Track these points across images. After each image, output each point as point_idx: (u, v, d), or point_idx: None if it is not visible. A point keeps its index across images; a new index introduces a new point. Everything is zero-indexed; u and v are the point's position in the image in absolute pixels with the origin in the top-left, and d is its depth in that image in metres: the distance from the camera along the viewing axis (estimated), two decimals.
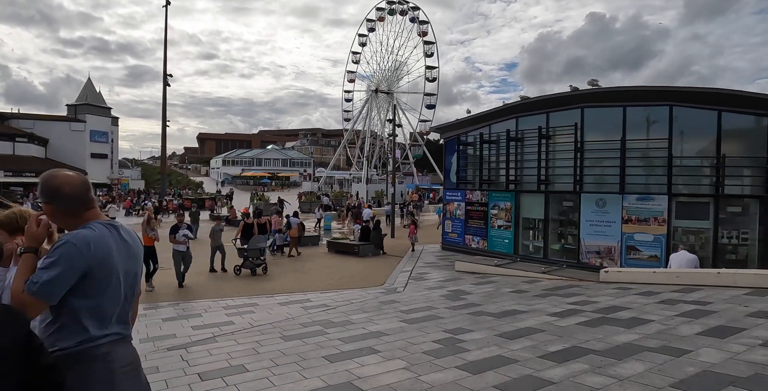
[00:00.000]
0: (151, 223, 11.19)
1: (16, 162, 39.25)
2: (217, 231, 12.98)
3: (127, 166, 77.15)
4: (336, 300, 8.92)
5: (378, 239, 16.42)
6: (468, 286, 9.89)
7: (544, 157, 13.63)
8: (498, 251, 14.86)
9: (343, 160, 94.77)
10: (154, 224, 11.51)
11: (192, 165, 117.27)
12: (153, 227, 11.17)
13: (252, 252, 12.33)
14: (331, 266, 13.65)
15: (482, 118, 15.52)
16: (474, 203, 15.89)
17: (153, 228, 11.12)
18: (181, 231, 11.05)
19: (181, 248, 10.83)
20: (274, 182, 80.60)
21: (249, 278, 11.84)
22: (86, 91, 49.32)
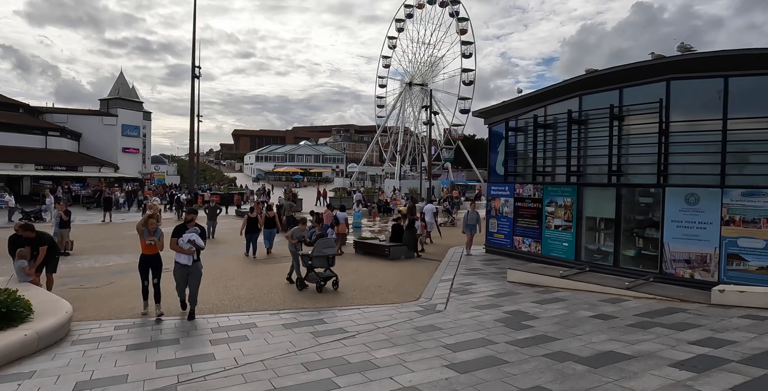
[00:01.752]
0: (151, 224, 7.67)
1: (47, 156, 39.09)
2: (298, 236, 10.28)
3: (163, 162, 77.81)
4: (357, 322, 6.85)
5: (412, 240, 14.27)
6: (529, 305, 7.62)
7: (616, 143, 11.12)
8: (554, 256, 12.45)
9: (376, 156, 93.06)
10: (155, 225, 7.73)
11: (227, 161, 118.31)
12: (154, 228, 7.64)
13: (318, 261, 9.37)
14: (357, 271, 11.59)
15: (536, 98, 13.10)
16: (525, 198, 13.50)
17: (154, 230, 7.65)
18: (187, 234, 7.33)
19: (183, 259, 7.32)
20: (306, 178, 79.81)
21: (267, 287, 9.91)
22: (118, 86, 49.06)
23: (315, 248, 9.42)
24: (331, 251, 9.63)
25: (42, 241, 8.67)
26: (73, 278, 11.29)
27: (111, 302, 8.59)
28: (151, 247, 7.51)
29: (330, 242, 9.97)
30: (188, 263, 7.33)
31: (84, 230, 21.68)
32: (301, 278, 9.59)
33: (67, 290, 9.66)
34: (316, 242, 9.58)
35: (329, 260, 9.50)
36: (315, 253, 9.35)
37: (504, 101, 14.16)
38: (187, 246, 7.30)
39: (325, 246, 9.57)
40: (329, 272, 9.48)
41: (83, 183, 38.74)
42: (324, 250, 9.45)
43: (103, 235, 19.70)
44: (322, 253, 9.39)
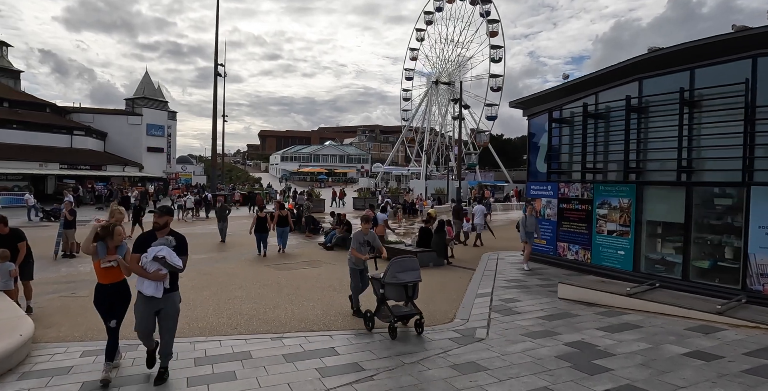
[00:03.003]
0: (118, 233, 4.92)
1: (72, 155, 39.03)
2: (362, 243, 7.55)
3: (190, 162, 78.16)
4: (377, 353, 5.41)
5: (441, 245, 12.76)
6: (596, 334, 6.03)
7: (687, 134, 9.38)
8: (607, 266, 10.75)
9: (402, 156, 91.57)
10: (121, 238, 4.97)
11: (253, 161, 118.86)
12: (117, 244, 4.92)
13: (392, 290, 6.27)
14: None
15: (586, 84, 11.41)
16: (571, 199, 11.83)
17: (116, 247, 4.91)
18: (154, 249, 4.64)
19: (149, 288, 4.66)
20: (330, 178, 78.97)
21: None
22: (143, 85, 49.01)
23: (388, 270, 6.26)
24: (413, 277, 6.27)
25: (19, 237, 7.57)
26: (70, 283, 10.22)
27: (94, 316, 7.37)
28: (111, 272, 4.91)
29: (410, 262, 6.38)
30: (156, 295, 4.62)
31: None
32: (364, 311, 6.75)
33: (54, 299, 8.58)
34: (390, 262, 6.29)
35: (409, 289, 6.21)
36: (388, 278, 6.24)
37: (547, 89, 12.50)
38: (153, 267, 4.55)
39: (401, 268, 6.23)
40: (410, 308, 6.34)
41: (107, 182, 38.51)
42: (400, 275, 6.19)
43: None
44: (396, 279, 6.18)
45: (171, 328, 4.89)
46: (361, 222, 7.54)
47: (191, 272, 11.19)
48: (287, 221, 14.65)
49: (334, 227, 16.74)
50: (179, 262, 4.70)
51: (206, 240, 16.83)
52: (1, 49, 48.37)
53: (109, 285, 5.02)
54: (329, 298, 8.50)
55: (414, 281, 6.30)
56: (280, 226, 14.43)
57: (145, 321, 4.79)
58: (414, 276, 6.30)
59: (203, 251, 14.99)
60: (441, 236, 13.01)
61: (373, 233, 7.50)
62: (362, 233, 7.59)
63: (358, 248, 7.47)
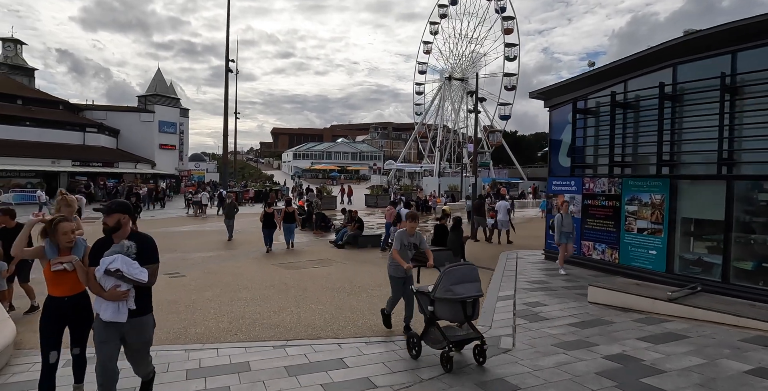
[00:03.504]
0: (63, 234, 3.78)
1: (84, 152, 39.02)
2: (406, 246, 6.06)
3: (203, 160, 78.37)
4: (390, 366, 4.81)
5: (457, 244, 12.10)
6: (637, 344, 5.35)
7: (728, 123, 8.59)
8: (637, 266, 10.01)
9: (414, 153, 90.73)
10: (70, 238, 3.83)
11: (266, 159, 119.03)
12: (69, 244, 3.84)
13: (445, 308, 4.90)
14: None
15: (614, 72, 10.63)
16: (597, 195, 11.08)
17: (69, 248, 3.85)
18: (108, 259, 3.46)
19: (108, 310, 3.47)
20: (343, 176, 78.58)
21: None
22: (156, 82, 48.87)
23: (440, 282, 4.86)
24: (472, 290, 4.87)
25: None
26: None
27: None
28: (66, 279, 3.75)
29: (467, 272, 4.97)
30: (116, 319, 3.44)
31: None
32: (407, 336, 5.36)
33: None
34: (443, 272, 4.90)
35: (468, 306, 4.85)
36: (440, 292, 4.84)
37: (571, 78, 11.75)
38: (108, 283, 3.44)
39: (457, 279, 4.84)
40: (467, 330, 5.02)
41: (118, 179, 38.46)
42: (456, 288, 4.79)
43: None
44: (451, 293, 4.77)
45: (140, 359, 3.77)
46: (407, 220, 6.11)
47: (196, 271, 10.70)
48: (294, 218, 14.72)
49: (345, 225, 16.17)
50: (142, 274, 3.46)
51: (215, 237, 16.38)
52: (16, 47, 48.66)
53: (64, 299, 3.76)
54: (339, 300, 7.90)
55: (474, 295, 4.86)
56: (286, 222, 14.45)
57: (104, 354, 3.47)
58: (474, 289, 4.87)
59: (211, 248, 14.53)
60: (457, 233, 12.35)
61: (421, 235, 6.10)
62: (407, 233, 6.01)
63: (402, 251, 5.94)
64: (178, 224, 21.71)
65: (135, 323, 3.54)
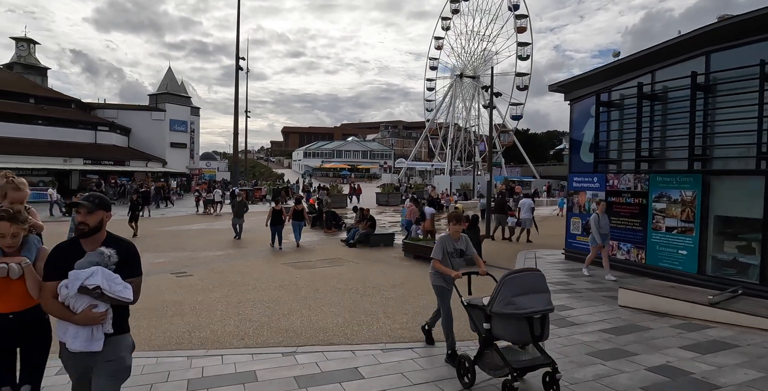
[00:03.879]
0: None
1: (96, 150, 39.05)
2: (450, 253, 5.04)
3: (214, 159, 78.58)
4: (410, 377, 4.37)
5: (474, 243, 11.55)
6: (681, 353, 4.87)
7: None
8: (666, 267, 9.47)
9: (425, 152, 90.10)
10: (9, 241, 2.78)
11: (276, 158, 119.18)
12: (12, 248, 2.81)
13: (507, 326, 3.99)
14: (406, 283, 9.11)
15: (641, 62, 10.08)
16: (622, 192, 10.54)
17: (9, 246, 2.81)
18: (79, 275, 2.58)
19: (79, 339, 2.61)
20: (353, 174, 78.29)
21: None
22: (167, 81, 48.88)
23: (499, 292, 3.97)
24: (541, 303, 3.93)
25: None
26: None
27: None
28: (10, 289, 2.78)
29: (533, 279, 4.10)
30: (91, 348, 2.63)
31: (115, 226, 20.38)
32: (458, 358, 4.42)
33: None
34: (502, 280, 4.00)
35: (536, 323, 3.92)
36: (499, 305, 3.95)
37: (594, 69, 11.20)
38: (81, 304, 2.61)
39: (521, 289, 3.95)
40: (535, 354, 4.08)
41: (130, 178, 38.46)
42: (520, 300, 3.88)
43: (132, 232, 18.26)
44: (514, 307, 3.87)
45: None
46: (450, 222, 5.13)
47: (203, 271, 10.37)
48: (303, 215, 14.69)
49: (357, 223, 15.78)
50: (126, 291, 2.63)
51: (225, 236, 16.05)
52: (29, 46, 48.95)
53: (8, 316, 2.78)
54: (351, 302, 7.49)
55: (543, 309, 3.87)
56: (295, 220, 14.38)
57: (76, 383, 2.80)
58: (543, 302, 3.90)
59: (220, 247, 14.22)
60: (474, 232, 11.87)
61: (467, 239, 5.18)
62: (451, 237, 5.07)
63: (445, 259, 4.96)
64: (188, 222, 21.47)
65: (109, 348, 2.65)
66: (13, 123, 35.61)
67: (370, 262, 11.69)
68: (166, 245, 14.44)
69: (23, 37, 48.95)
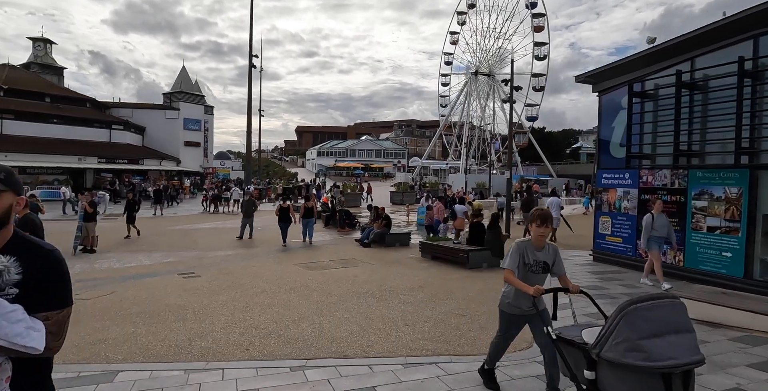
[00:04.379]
0: None
1: (110, 149, 39.09)
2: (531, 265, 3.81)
3: (228, 158, 78.74)
4: None
5: (496, 243, 10.96)
6: (752, 374, 4.19)
7: None
8: (706, 270, 8.71)
9: (439, 151, 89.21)
10: None
11: (290, 157, 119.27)
12: None
13: (629, 381, 2.69)
14: (425, 286, 8.50)
15: (680, 48, 9.32)
16: (657, 189, 9.79)
17: None
18: None
19: None
20: (367, 173, 77.81)
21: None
22: (180, 80, 48.88)
23: (614, 328, 2.74)
24: (685, 352, 2.61)
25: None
26: (79, 282, 9.04)
27: (85, 326, 6.05)
28: None
29: (670, 312, 2.72)
30: None
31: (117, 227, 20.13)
32: None
33: None
34: (621, 311, 2.75)
35: (675, 383, 2.58)
36: (613, 348, 2.72)
37: (627, 57, 10.43)
38: None
39: (654, 328, 2.65)
40: None
41: (143, 176, 38.42)
42: (651, 344, 2.60)
43: (145, 230, 17.89)
44: (642, 356, 2.59)
45: None
46: (532, 223, 3.78)
47: (211, 271, 9.88)
48: (313, 213, 14.66)
49: (372, 223, 15.19)
50: (30, 336, 1.47)
51: (236, 235, 15.57)
52: (45, 46, 49.32)
53: None
54: (367, 308, 6.90)
55: (690, 362, 2.61)
56: (305, 217, 14.25)
57: None
58: (687, 348, 2.65)
59: (231, 246, 13.77)
60: (495, 232, 11.23)
61: (555, 250, 3.89)
62: (533, 244, 3.79)
63: (522, 271, 3.74)
64: (200, 221, 21.12)
65: None
66: (29, 122, 35.79)
67: (386, 263, 11.10)
68: (177, 244, 14.04)
69: (40, 37, 49.34)
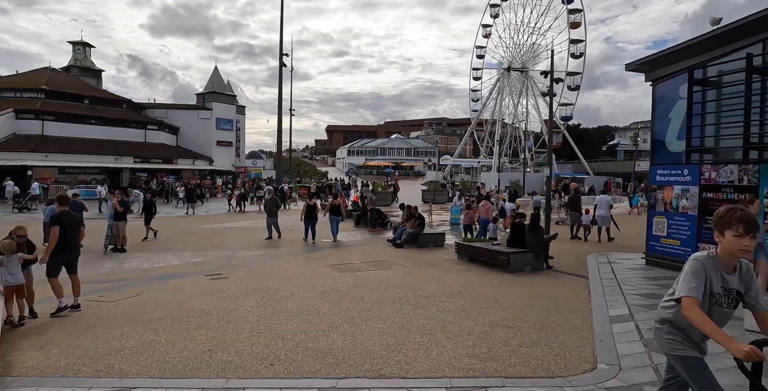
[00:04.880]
0: None
1: (145, 149, 39.79)
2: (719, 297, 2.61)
3: (260, 157, 79.60)
4: None
5: (538, 246, 10.17)
6: None
7: None
8: None
9: (470, 149, 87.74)
10: None
11: (320, 156, 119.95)
12: None
13: None
14: (464, 292, 7.85)
15: (750, 28, 8.30)
16: (722, 186, 8.83)
17: None
18: None
19: None
20: (397, 172, 77.29)
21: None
22: (213, 80, 49.39)
23: None
24: None
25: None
26: (105, 283, 8.86)
27: (102, 333, 5.69)
28: None
29: None
30: None
31: (160, 222, 20.19)
32: None
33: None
34: None
35: None
36: None
37: (687, 41, 9.46)
38: None
39: None
40: None
41: (177, 176, 38.90)
42: None
43: (176, 229, 17.85)
44: None
45: None
46: (730, 230, 2.51)
47: (239, 273, 9.52)
48: (339, 210, 14.95)
49: (404, 222, 14.60)
50: None
51: (265, 234, 15.23)
52: (85, 49, 50.71)
53: None
54: (403, 316, 6.31)
55: None
56: (333, 214, 14.43)
57: None
58: None
59: (259, 246, 13.45)
60: (537, 234, 10.44)
61: (749, 268, 2.71)
62: (720, 262, 2.61)
63: (706, 303, 2.58)
64: (231, 220, 21.01)
65: None
66: (69, 123, 36.74)
67: (421, 265, 10.49)
68: (206, 243, 13.82)
69: (79, 40, 50.76)
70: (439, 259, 11.41)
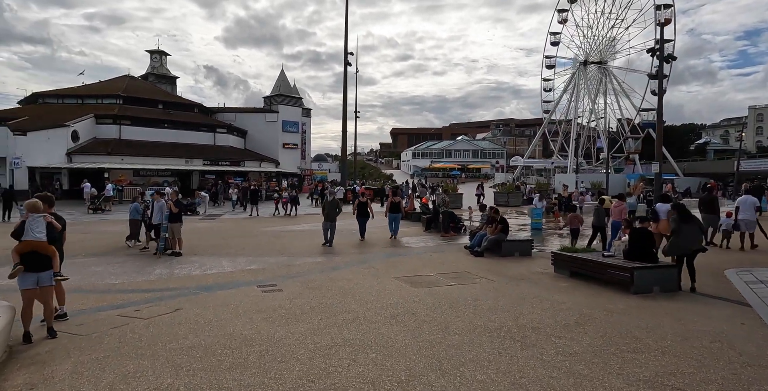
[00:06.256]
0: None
1: (214, 151, 40.37)
2: None
3: (326, 160, 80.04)
4: None
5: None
6: None
7: None
8: None
9: (539, 151, 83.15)
10: None
11: (385, 159, 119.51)
12: None
13: None
14: (590, 321, 5.85)
15: None
16: None
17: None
18: None
19: None
20: (464, 174, 74.74)
21: None
22: (279, 83, 49.66)
23: None
24: None
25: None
26: (149, 292, 7.75)
27: (90, 372, 4.35)
28: None
29: None
30: None
31: (223, 224, 19.65)
32: None
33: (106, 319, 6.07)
34: None
35: None
36: None
37: None
38: None
39: None
40: None
41: (244, 178, 39.06)
42: None
43: (237, 231, 17.01)
44: None
45: None
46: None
47: (295, 284, 8.11)
48: (399, 208, 15.05)
49: (483, 227, 12.63)
50: None
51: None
52: (161, 58, 52.86)
53: None
54: (510, 360, 4.47)
55: None
56: (392, 212, 14.64)
57: None
58: None
59: (321, 251, 12.10)
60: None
61: None
62: None
63: None
64: (291, 223, 19.99)
65: None
66: (144, 127, 37.97)
67: (511, 280, 8.56)
68: (265, 248, 12.66)
69: (156, 49, 52.99)
70: (531, 272, 9.40)
